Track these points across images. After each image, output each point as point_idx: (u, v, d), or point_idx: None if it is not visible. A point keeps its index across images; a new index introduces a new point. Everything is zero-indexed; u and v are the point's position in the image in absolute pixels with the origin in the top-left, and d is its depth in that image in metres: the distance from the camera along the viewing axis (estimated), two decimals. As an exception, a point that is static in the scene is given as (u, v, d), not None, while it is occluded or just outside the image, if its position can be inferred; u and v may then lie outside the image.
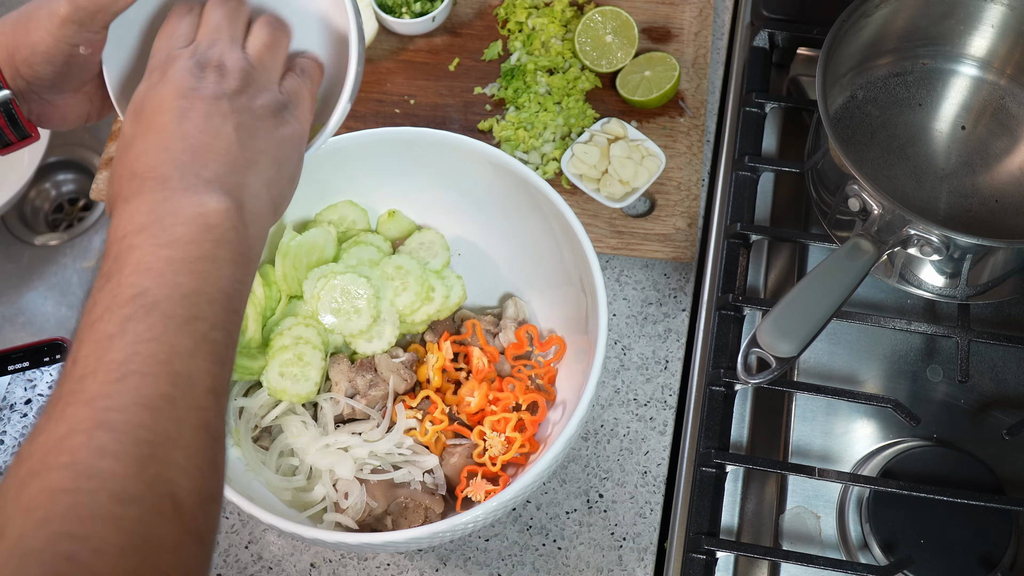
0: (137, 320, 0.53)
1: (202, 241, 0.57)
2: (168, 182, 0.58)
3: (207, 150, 0.60)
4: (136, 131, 0.62)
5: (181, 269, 0.55)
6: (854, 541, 0.90)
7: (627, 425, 0.97)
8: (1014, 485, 0.92)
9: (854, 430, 0.95)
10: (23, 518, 0.48)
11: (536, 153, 1.07)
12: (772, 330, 0.83)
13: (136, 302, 0.54)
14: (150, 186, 0.58)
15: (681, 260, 1.03)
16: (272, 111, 0.65)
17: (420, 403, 0.89)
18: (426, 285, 0.92)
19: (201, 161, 0.60)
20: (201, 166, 0.60)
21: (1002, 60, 1.03)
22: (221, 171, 0.60)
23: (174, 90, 0.62)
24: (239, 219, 0.59)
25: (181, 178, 0.59)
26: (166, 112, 0.61)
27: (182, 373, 0.53)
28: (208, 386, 0.55)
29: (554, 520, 0.93)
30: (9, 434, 0.87)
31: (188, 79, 0.62)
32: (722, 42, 1.18)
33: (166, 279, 0.55)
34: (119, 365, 0.52)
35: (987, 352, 0.98)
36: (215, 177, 0.60)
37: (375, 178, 0.94)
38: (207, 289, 0.56)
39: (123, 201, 0.59)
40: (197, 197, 0.58)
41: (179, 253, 0.56)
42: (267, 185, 0.63)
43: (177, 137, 0.60)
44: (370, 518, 0.85)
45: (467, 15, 1.17)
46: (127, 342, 0.53)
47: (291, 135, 0.65)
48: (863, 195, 0.88)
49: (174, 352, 0.53)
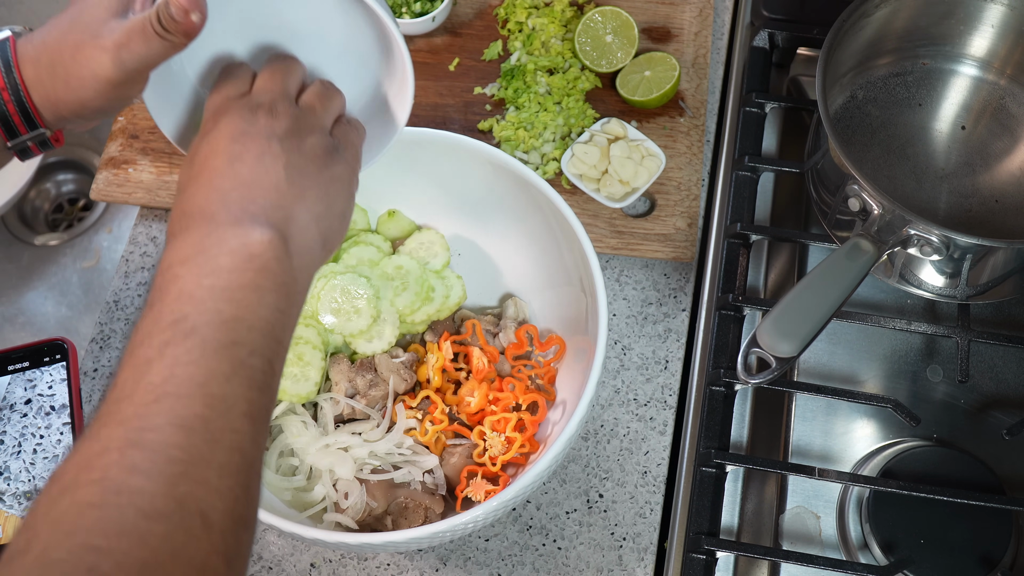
0: (175, 344, 0.54)
1: (244, 270, 0.58)
2: (215, 217, 0.60)
3: (255, 186, 0.61)
4: (189, 176, 0.63)
5: (222, 297, 0.56)
6: (854, 541, 0.90)
7: (627, 425, 0.97)
8: (1014, 485, 0.92)
9: (854, 430, 0.95)
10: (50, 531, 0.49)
11: (536, 153, 1.07)
12: (772, 330, 0.83)
13: (176, 327, 0.55)
14: (198, 222, 0.60)
15: (681, 260, 1.03)
16: (322, 151, 0.66)
17: (420, 403, 0.89)
18: (426, 285, 0.92)
19: (249, 197, 0.61)
20: (249, 201, 0.61)
21: (1002, 60, 1.03)
22: (268, 205, 0.61)
23: (227, 135, 0.63)
24: (283, 250, 0.60)
25: (228, 213, 0.60)
26: (218, 156, 0.63)
27: (218, 395, 0.53)
28: (244, 411, 0.55)
29: (554, 520, 0.93)
30: (9, 434, 0.87)
31: (240, 123, 0.64)
32: (722, 42, 1.18)
33: (206, 306, 0.55)
34: (156, 387, 0.52)
35: (987, 352, 0.98)
36: (261, 211, 0.61)
37: (375, 178, 0.93)
38: (247, 316, 0.56)
39: (171, 238, 0.61)
40: (242, 229, 0.59)
41: (220, 281, 0.57)
42: (316, 219, 0.63)
43: (228, 177, 0.62)
44: (370, 518, 0.85)
45: (467, 15, 1.17)
46: (165, 365, 0.53)
47: (341, 174, 0.67)
48: (863, 195, 0.88)
49: (211, 375, 0.54)
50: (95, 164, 1.32)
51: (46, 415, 0.87)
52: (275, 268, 0.59)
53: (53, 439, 0.86)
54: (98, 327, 1.03)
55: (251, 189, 0.61)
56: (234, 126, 0.64)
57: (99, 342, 1.02)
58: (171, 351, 0.54)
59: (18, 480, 0.85)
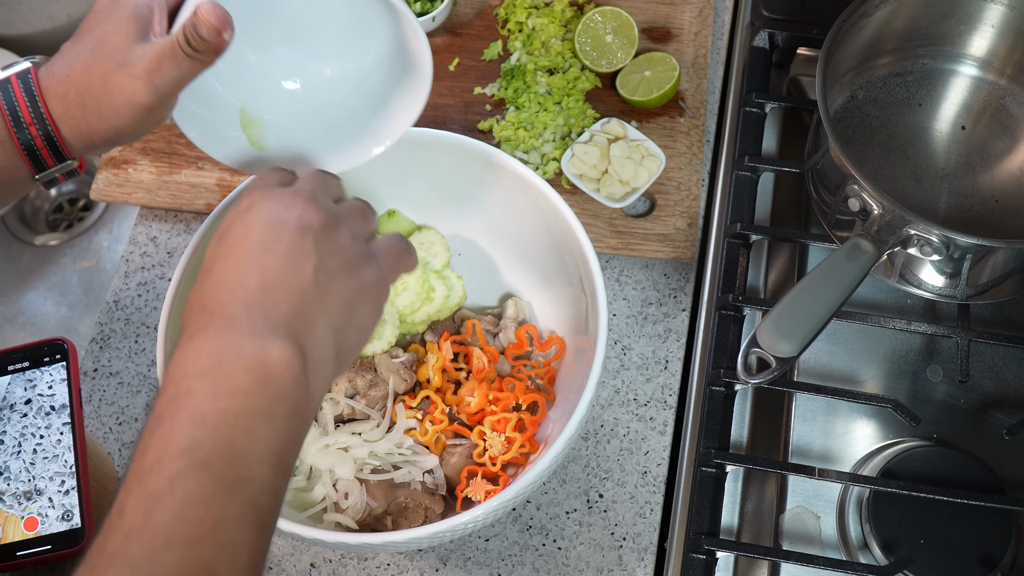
0: (186, 479, 0.52)
1: (260, 395, 0.55)
2: (235, 322, 0.57)
3: (281, 288, 0.59)
4: (217, 256, 0.61)
5: (236, 425, 0.54)
6: (854, 541, 0.90)
7: (627, 425, 0.97)
8: (1014, 485, 0.92)
9: (854, 430, 0.95)
10: None
11: (536, 153, 1.07)
12: (772, 330, 0.83)
13: (188, 456, 0.53)
14: (218, 325, 0.57)
15: (681, 260, 1.03)
16: (355, 255, 0.63)
17: (420, 403, 0.89)
18: (426, 285, 0.92)
19: (273, 301, 0.58)
20: (272, 307, 0.58)
21: (1002, 60, 1.03)
22: (290, 312, 0.58)
23: (262, 220, 0.61)
24: (300, 369, 0.57)
25: (249, 320, 0.57)
26: (250, 242, 0.60)
27: (227, 543, 0.52)
28: (249, 558, 0.54)
29: (554, 520, 0.93)
30: (9, 434, 0.87)
31: (278, 208, 0.61)
32: (722, 42, 1.18)
33: (220, 435, 0.54)
34: (166, 529, 0.51)
35: (987, 352, 0.98)
36: (283, 320, 0.58)
37: (375, 178, 0.94)
38: (259, 448, 0.55)
39: (188, 336, 0.58)
40: (262, 343, 0.57)
41: (235, 405, 0.55)
42: (334, 332, 0.61)
43: (256, 271, 0.59)
44: (370, 518, 0.85)
45: (467, 15, 1.17)
46: (175, 502, 0.52)
47: (370, 284, 0.64)
48: (863, 195, 0.88)
49: (221, 519, 0.52)
50: (95, 164, 1.33)
51: (46, 415, 0.87)
52: (291, 392, 0.57)
53: (53, 439, 0.86)
54: (98, 327, 1.03)
55: (276, 291, 0.58)
56: (271, 211, 0.61)
57: (99, 342, 1.02)
58: (181, 487, 0.52)
59: (18, 480, 0.85)
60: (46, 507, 0.84)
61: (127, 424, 0.98)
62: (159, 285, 1.05)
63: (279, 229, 0.60)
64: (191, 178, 1.08)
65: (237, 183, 1.02)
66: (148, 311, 1.04)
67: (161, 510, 0.51)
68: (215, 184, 1.07)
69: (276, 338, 0.57)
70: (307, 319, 0.59)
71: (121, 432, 0.98)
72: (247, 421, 0.54)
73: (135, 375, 1.00)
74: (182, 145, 1.09)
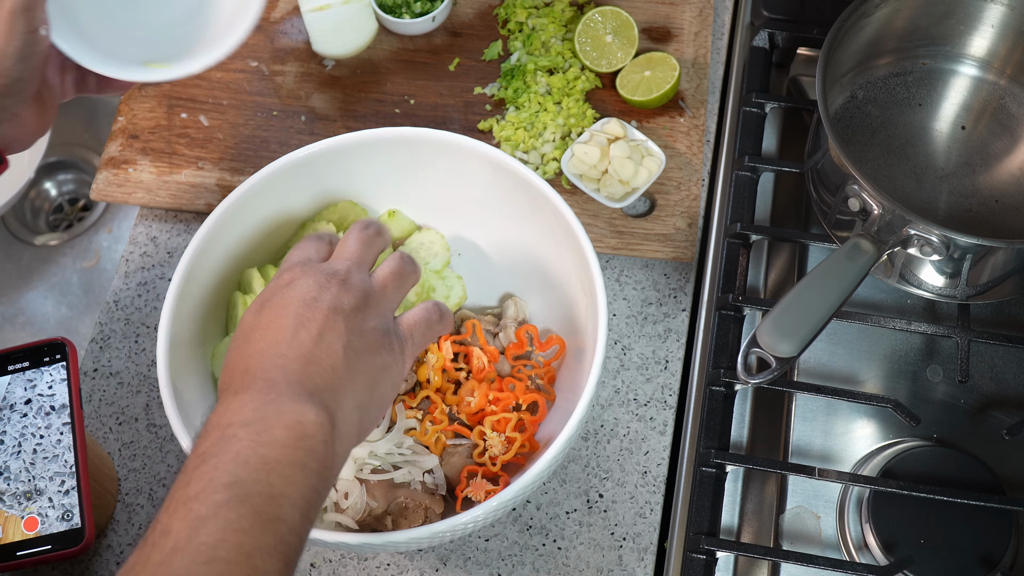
0: (229, 508, 0.57)
1: (296, 448, 0.61)
2: (276, 386, 0.63)
3: (315, 363, 0.64)
4: (256, 324, 0.67)
5: (274, 470, 0.59)
6: (854, 541, 0.90)
7: (627, 425, 0.97)
8: (1014, 485, 0.92)
9: (854, 430, 0.95)
10: None
11: (536, 153, 1.07)
12: (772, 330, 0.83)
13: (230, 490, 0.58)
14: (260, 386, 0.63)
15: (681, 260, 1.03)
16: (380, 336, 0.68)
17: (420, 403, 0.89)
18: (426, 286, 0.92)
19: (307, 374, 0.64)
20: (307, 378, 0.64)
21: (1002, 60, 1.03)
22: (323, 386, 0.64)
23: (299, 298, 0.67)
24: (330, 434, 0.63)
25: (288, 386, 0.63)
26: (287, 317, 0.66)
27: (260, 569, 0.57)
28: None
29: (554, 520, 0.93)
30: (9, 434, 0.87)
31: (314, 288, 0.67)
32: (722, 42, 1.18)
33: (260, 476, 0.59)
34: (209, 548, 0.56)
35: (987, 352, 0.98)
36: (316, 390, 0.64)
37: (375, 178, 0.94)
38: (291, 494, 0.60)
39: (233, 392, 0.64)
40: (299, 406, 0.62)
41: (274, 454, 0.60)
42: (358, 407, 0.66)
43: (292, 344, 0.65)
44: (370, 518, 0.85)
45: (467, 15, 1.17)
46: (218, 527, 0.57)
47: (391, 364, 0.69)
48: (863, 195, 0.88)
49: (257, 547, 0.57)
50: (95, 164, 1.32)
51: (46, 415, 0.87)
52: (321, 451, 0.62)
53: (53, 439, 0.86)
54: (98, 327, 1.03)
55: (310, 365, 0.64)
56: (307, 291, 0.67)
57: (99, 342, 1.02)
58: (225, 514, 0.57)
59: (18, 480, 0.85)
60: (46, 507, 0.84)
61: (127, 424, 0.98)
62: (159, 285, 1.05)
63: (314, 308, 0.66)
64: (191, 178, 1.08)
65: (237, 183, 1.02)
66: (148, 311, 1.04)
67: (205, 532, 0.56)
68: (215, 184, 1.07)
69: (311, 404, 0.63)
70: (336, 393, 0.64)
71: (121, 432, 0.98)
72: (284, 468, 0.60)
73: (135, 375, 1.00)
74: (182, 145, 1.09)
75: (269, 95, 1.12)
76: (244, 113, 1.11)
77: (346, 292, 0.67)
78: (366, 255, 0.72)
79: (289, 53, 1.14)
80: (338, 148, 0.89)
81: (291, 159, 0.88)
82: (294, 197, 0.92)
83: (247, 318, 0.68)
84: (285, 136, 1.10)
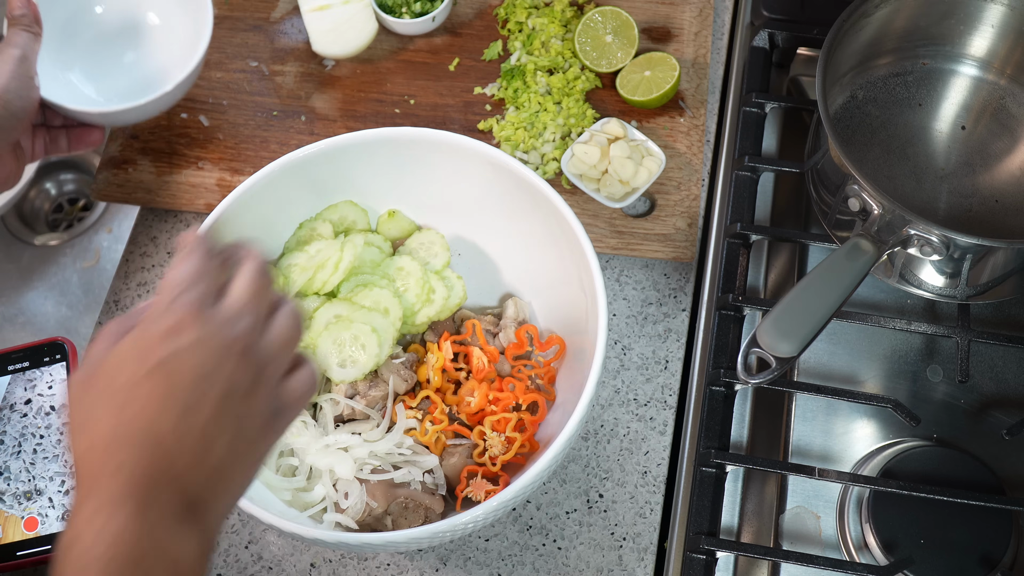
0: None
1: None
2: (158, 496, 0.55)
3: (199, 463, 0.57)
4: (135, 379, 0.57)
5: None
6: (854, 541, 0.90)
7: (627, 425, 0.97)
8: (1014, 485, 0.92)
9: (854, 430, 0.95)
10: None
11: (536, 153, 1.07)
12: (772, 330, 0.83)
13: None
14: (140, 496, 0.55)
15: (681, 260, 1.03)
16: (269, 420, 0.61)
17: (420, 403, 0.89)
18: (427, 287, 0.92)
19: (191, 477, 0.57)
20: (191, 483, 0.57)
21: (1002, 60, 1.03)
22: (205, 491, 0.57)
23: (189, 369, 0.57)
24: (206, 557, 0.57)
25: (171, 496, 0.56)
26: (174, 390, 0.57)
27: None
28: None
29: (554, 520, 0.93)
30: (9, 434, 0.87)
31: (208, 361, 0.58)
32: (722, 42, 1.18)
33: None
34: None
35: (987, 352, 0.98)
36: (199, 500, 0.57)
37: (375, 178, 0.94)
38: None
39: (106, 491, 0.55)
40: (181, 537, 0.56)
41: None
42: (234, 497, 0.61)
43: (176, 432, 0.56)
44: (370, 518, 0.85)
45: (467, 15, 1.17)
46: None
47: (272, 445, 0.62)
48: (863, 195, 0.88)
49: None
50: (95, 164, 1.32)
51: (46, 415, 0.87)
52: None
53: (53, 439, 0.86)
54: (98, 327, 1.03)
55: (194, 464, 0.57)
56: (199, 362, 0.57)
57: (99, 342, 1.02)
58: None
59: (18, 480, 0.85)
60: (46, 507, 0.84)
61: (127, 424, 0.98)
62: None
63: (206, 391, 0.57)
64: (191, 178, 1.08)
65: (237, 183, 1.02)
66: (148, 311, 1.03)
67: None
68: (215, 184, 1.07)
69: (192, 530, 0.56)
70: (217, 494, 0.58)
71: (121, 432, 0.98)
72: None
73: (135, 375, 1.00)
74: (182, 145, 1.09)
75: (269, 95, 1.12)
76: (244, 113, 1.11)
77: (242, 369, 0.59)
78: (261, 307, 0.62)
79: (289, 53, 1.14)
80: (338, 148, 0.89)
81: (291, 159, 0.88)
82: (294, 197, 0.92)
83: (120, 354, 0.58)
84: (285, 136, 1.10)
